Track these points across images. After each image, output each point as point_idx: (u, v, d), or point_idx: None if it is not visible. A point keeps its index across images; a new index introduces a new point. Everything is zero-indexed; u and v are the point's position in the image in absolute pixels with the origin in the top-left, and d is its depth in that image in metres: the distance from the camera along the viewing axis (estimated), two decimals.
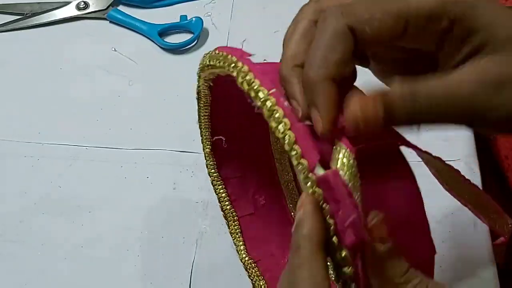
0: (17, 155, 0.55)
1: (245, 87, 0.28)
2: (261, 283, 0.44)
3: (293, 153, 0.25)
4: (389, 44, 0.27)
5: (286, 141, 0.26)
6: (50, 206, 0.52)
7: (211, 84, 0.37)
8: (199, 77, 0.37)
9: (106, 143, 0.55)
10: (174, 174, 0.53)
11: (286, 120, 0.26)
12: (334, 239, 0.24)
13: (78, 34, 0.63)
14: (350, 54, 0.25)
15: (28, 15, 0.64)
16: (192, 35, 0.61)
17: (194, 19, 0.61)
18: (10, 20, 0.64)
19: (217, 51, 0.32)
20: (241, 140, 0.43)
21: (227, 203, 0.44)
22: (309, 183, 0.25)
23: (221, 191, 0.44)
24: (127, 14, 0.63)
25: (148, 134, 0.56)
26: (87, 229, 0.51)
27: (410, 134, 0.27)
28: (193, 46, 0.61)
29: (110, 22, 0.64)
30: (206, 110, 0.40)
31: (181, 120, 0.56)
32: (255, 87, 0.28)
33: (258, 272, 0.44)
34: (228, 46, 0.33)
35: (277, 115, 0.26)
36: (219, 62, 0.31)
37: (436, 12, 0.25)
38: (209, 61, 0.33)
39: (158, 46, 0.62)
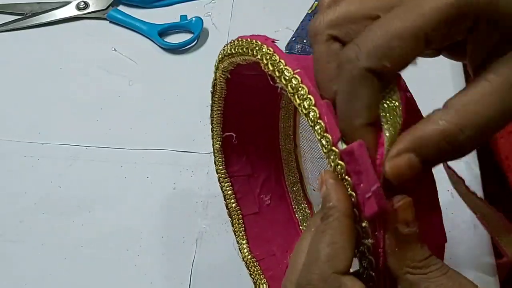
0: (17, 155, 0.55)
1: (270, 68, 0.28)
2: (262, 282, 0.44)
3: (317, 127, 0.26)
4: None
5: (311, 117, 0.26)
6: (50, 206, 0.52)
7: (229, 76, 0.36)
8: (217, 69, 0.36)
9: (106, 143, 0.55)
10: (174, 174, 0.53)
11: (311, 96, 0.26)
12: (355, 211, 0.25)
13: (78, 34, 0.63)
14: (377, 93, 0.24)
15: (28, 15, 0.64)
16: (192, 35, 0.61)
17: (194, 19, 0.61)
18: (10, 20, 0.64)
19: (239, 39, 0.32)
20: (250, 138, 0.43)
21: (232, 200, 0.44)
22: (332, 156, 0.25)
23: (228, 188, 0.44)
24: (127, 14, 0.63)
25: (148, 134, 0.56)
26: (87, 229, 0.51)
27: None
28: (193, 46, 0.61)
29: (110, 22, 0.64)
30: (219, 104, 0.39)
31: (181, 120, 0.56)
32: (280, 67, 0.28)
33: (260, 271, 0.44)
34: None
35: (302, 92, 0.27)
36: (242, 49, 0.31)
37: (455, 13, 0.23)
38: (231, 49, 0.32)
39: (158, 46, 0.62)
